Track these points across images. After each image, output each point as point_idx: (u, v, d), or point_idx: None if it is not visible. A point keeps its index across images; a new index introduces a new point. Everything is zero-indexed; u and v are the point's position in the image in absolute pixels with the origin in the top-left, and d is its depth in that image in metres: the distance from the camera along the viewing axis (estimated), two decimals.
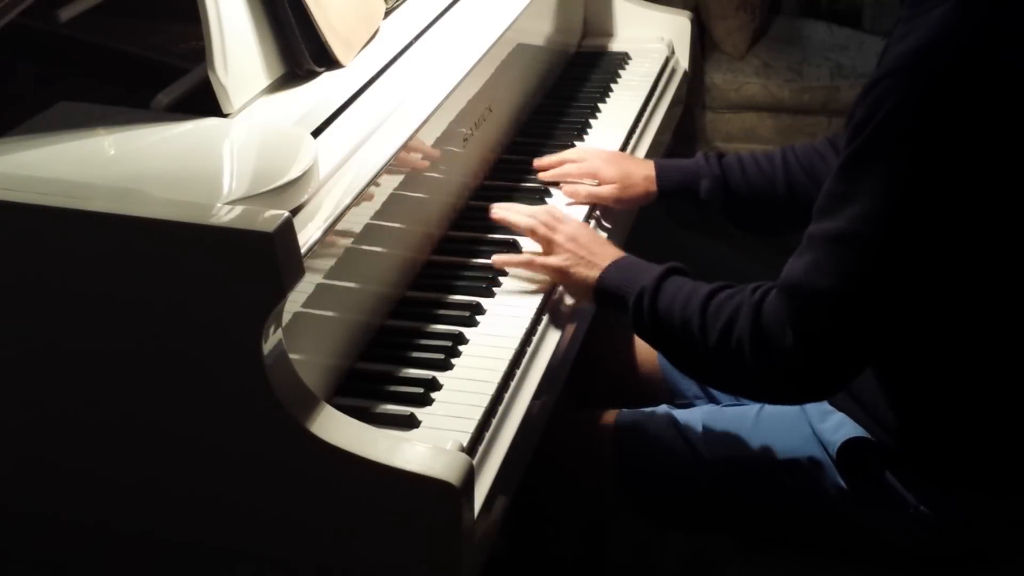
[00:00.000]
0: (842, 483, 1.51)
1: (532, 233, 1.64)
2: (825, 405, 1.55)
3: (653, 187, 1.83)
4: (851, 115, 1.29)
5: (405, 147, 1.53)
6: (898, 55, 1.25)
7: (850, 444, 1.50)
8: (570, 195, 1.83)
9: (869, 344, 1.33)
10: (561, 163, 1.88)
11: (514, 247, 1.70)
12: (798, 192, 1.74)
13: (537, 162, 1.89)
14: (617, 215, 1.87)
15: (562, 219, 1.65)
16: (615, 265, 1.55)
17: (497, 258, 1.64)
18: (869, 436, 1.49)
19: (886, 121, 1.23)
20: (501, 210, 1.69)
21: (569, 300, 1.63)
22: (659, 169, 1.83)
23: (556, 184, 1.87)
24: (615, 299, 1.52)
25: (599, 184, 1.83)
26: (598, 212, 1.84)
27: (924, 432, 1.46)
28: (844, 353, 1.32)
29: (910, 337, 1.40)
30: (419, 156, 1.62)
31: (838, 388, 1.40)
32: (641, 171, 1.84)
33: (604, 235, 1.74)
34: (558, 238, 1.61)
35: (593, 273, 1.55)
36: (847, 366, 1.34)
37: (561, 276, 1.59)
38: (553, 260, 1.59)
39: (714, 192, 1.78)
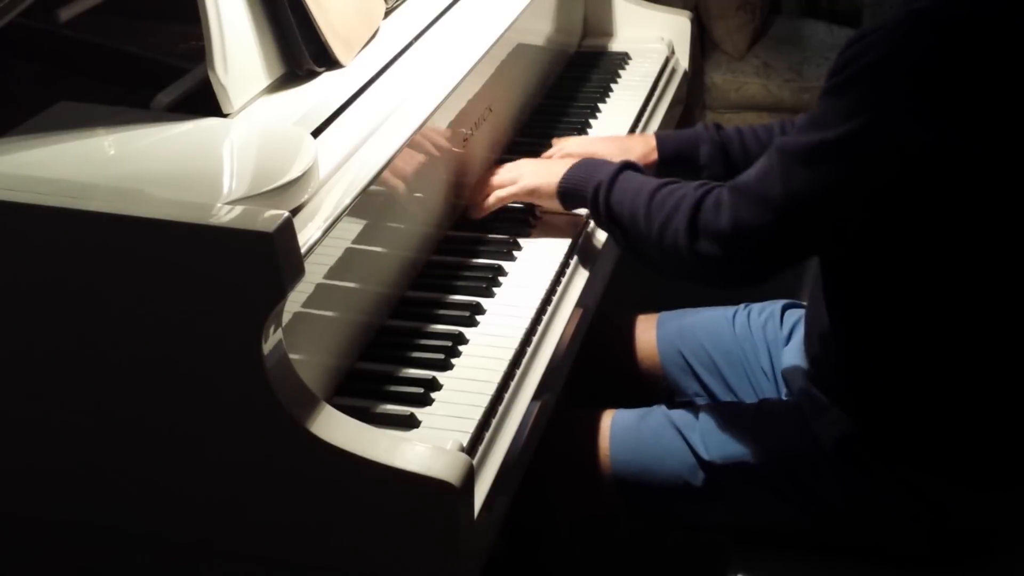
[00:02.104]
0: (839, 480, 1.52)
1: (504, 194, 1.74)
2: (822, 401, 1.55)
3: (653, 155, 1.86)
4: (841, 53, 1.34)
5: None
6: (896, 14, 1.31)
7: (846, 440, 1.50)
8: None
9: (790, 254, 1.43)
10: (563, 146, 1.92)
11: (514, 246, 1.70)
12: None
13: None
14: None
15: (514, 162, 1.80)
16: (576, 165, 1.69)
17: (475, 212, 1.76)
18: (865, 432, 1.50)
19: (870, 66, 1.30)
20: (478, 209, 1.77)
21: (569, 302, 1.63)
22: (659, 138, 1.88)
23: None
24: (577, 196, 1.67)
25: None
26: None
27: (921, 426, 1.46)
28: (764, 253, 1.42)
29: (898, 325, 1.42)
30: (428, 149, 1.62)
31: (753, 283, 1.49)
32: (641, 141, 1.89)
33: None
34: (517, 171, 1.76)
35: (555, 179, 1.70)
36: (765, 266, 1.45)
37: (530, 194, 1.73)
38: (517, 185, 1.74)
39: (714, 157, 1.81)
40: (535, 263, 1.68)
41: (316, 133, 1.44)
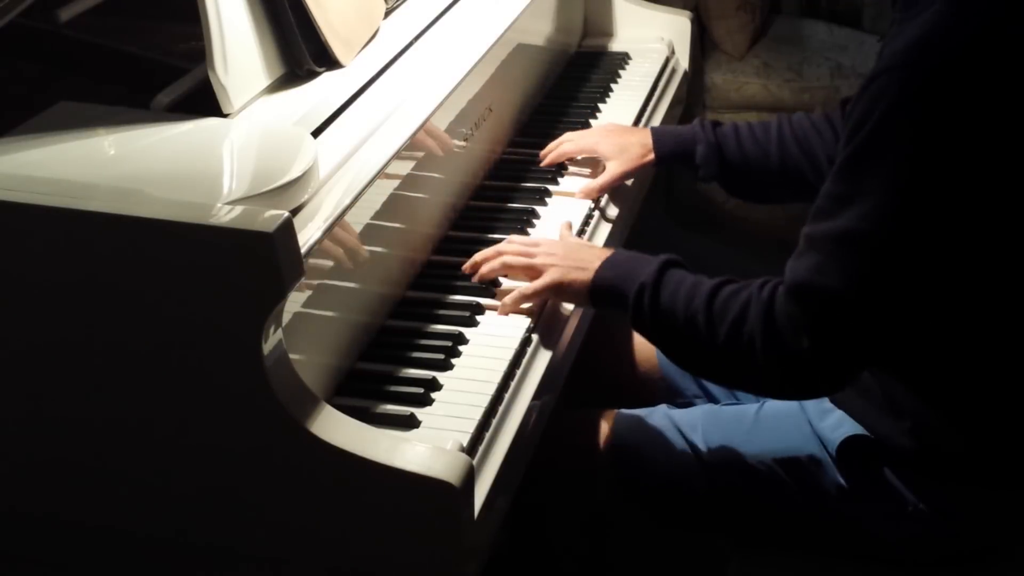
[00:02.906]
0: (841, 481, 1.51)
1: (511, 269, 1.58)
2: (825, 403, 1.55)
3: (650, 155, 1.87)
4: (848, 114, 1.30)
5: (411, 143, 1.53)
6: (894, 52, 1.25)
7: (849, 442, 1.50)
8: (586, 195, 1.84)
9: (880, 339, 1.34)
10: (560, 145, 1.91)
11: None
12: (789, 165, 1.77)
13: (542, 153, 1.93)
14: (624, 197, 1.89)
15: (534, 242, 1.60)
16: (608, 262, 1.51)
17: (500, 310, 1.56)
18: (868, 434, 1.50)
19: (885, 116, 1.24)
20: (474, 266, 1.61)
21: (569, 304, 1.63)
22: (655, 136, 1.88)
23: (556, 182, 1.88)
24: (613, 297, 1.48)
25: (598, 161, 1.88)
26: (604, 201, 1.86)
27: (927, 427, 1.46)
28: (857, 351, 1.34)
29: (918, 332, 1.41)
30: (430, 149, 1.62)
31: (847, 385, 1.41)
32: (637, 139, 1.88)
33: (584, 239, 1.74)
34: (538, 259, 1.55)
35: (586, 276, 1.51)
36: (858, 363, 1.36)
37: (556, 292, 1.54)
38: (542, 281, 1.54)
39: (710, 158, 1.81)
40: None
41: (316, 133, 1.44)
